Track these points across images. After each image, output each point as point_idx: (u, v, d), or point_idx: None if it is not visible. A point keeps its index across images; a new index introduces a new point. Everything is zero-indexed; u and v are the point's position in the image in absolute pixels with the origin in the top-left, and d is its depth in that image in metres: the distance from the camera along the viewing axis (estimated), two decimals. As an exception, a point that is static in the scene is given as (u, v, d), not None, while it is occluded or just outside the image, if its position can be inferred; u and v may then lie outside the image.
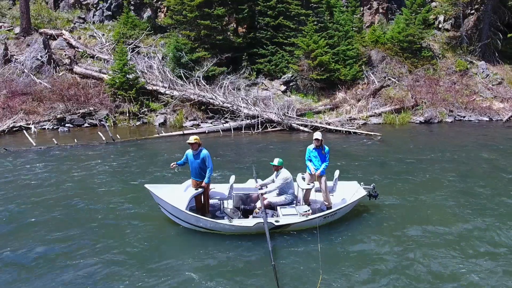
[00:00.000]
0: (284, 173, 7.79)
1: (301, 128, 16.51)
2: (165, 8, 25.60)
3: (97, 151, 13.46)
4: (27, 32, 22.91)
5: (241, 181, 8.59)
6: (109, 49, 22.47)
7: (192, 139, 7.56)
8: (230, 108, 17.58)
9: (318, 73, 19.90)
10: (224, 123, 17.43)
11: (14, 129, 16.33)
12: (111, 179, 10.56)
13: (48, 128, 16.81)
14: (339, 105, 19.27)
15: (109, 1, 25.96)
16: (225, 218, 7.52)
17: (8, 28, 23.89)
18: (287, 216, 7.42)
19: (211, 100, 18.00)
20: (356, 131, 16.12)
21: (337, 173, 8.48)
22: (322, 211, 7.87)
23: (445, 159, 12.60)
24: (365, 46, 23.08)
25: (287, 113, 17.27)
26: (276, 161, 7.82)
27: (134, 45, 22.04)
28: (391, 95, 20.52)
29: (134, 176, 10.69)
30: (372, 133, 15.67)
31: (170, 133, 15.64)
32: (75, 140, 14.23)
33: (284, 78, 20.68)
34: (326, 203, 8.18)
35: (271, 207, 7.88)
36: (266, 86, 20.68)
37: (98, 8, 26.05)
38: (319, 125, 16.75)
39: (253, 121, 16.92)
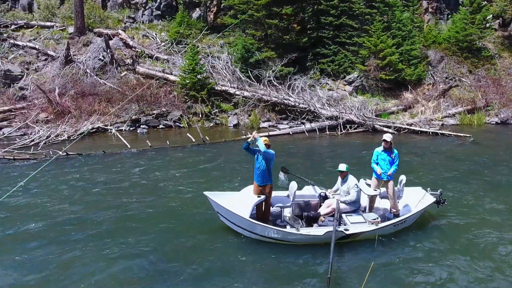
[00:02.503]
0: (353, 180, 7.47)
1: (384, 129, 16.16)
2: (215, 8, 25.30)
3: (192, 153, 13.15)
4: (82, 32, 22.54)
5: (298, 188, 8.12)
6: (166, 49, 22.16)
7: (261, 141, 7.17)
8: (307, 108, 17.24)
9: (387, 73, 19.57)
10: (301, 124, 17.09)
11: (92, 130, 15.98)
12: (203, 183, 10.18)
13: (125, 130, 16.45)
14: (410, 106, 18.94)
15: (158, 1, 25.62)
16: (287, 227, 7.12)
17: (61, 28, 23.52)
18: (356, 225, 7.00)
19: (285, 101, 17.66)
20: (444, 132, 15.79)
21: (403, 178, 8.08)
22: (388, 219, 7.49)
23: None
24: (424, 46, 22.78)
25: (366, 114, 16.93)
26: (343, 167, 7.45)
27: (193, 44, 21.67)
28: (458, 96, 20.21)
29: (233, 181, 10.33)
30: (461, 134, 15.35)
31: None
32: (167, 142, 13.88)
33: (349, 78, 20.35)
34: (394, 210, 7.74)
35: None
36: (330, 86, 20.35)
37: (147, 7, 25.71)
38: (402, 126, 16.45)
39: (333, 122, 16.58)
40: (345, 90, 20.18)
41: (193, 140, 14.15)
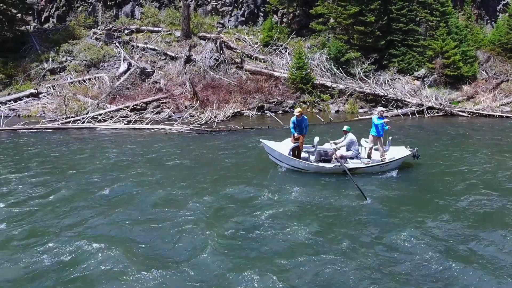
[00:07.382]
0: (350, 136, 10.65)
1: (460, 113, 20.58)
2: (291, 14, 29.69)
3: (326, 127, 17.55)
4: (187, 35, 26.91)
5: (320, 143, 11.51)
6: (260, 50, 26.53)
7: (297, 111, 10.89)
8: (394, 98, 21.64)
9: (451, 70, 23.96)
10: (390, 110, 21.46)
11: (233, 114, 20.35)
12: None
13: (254, 114, 20.84)
14: (472, 96, 23.33)
15: (242, 9, 30.05)
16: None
17: (167, 32, 27.88)
18: (355, 164, 10.59)
19: (375, 92, 22.06)
20: (509, 115, 20.19)
21: (390, 138, 11.67)
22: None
23: None
24: (476, 48, 27.17)
25: (442, 102, 21.33)
26: (345, 128, 10.76)
27: (284, 46, 26.10)
28: (507, 89, 24.58)
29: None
30: (523, 116, 19.78)
31: (365, 117, 19.77)
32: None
33: (418, 74, 24.75)
34: (382, 158, 10.88)
35: (343, 159, 10.60)
36: (401, 80, 24.73)
37: (232, 14, 30.13)
38: (473, 111, 20.85)
39: (417, 108, 20.98)
40: (414, 84, 24.58)
41: (322, 120, 18.54)
